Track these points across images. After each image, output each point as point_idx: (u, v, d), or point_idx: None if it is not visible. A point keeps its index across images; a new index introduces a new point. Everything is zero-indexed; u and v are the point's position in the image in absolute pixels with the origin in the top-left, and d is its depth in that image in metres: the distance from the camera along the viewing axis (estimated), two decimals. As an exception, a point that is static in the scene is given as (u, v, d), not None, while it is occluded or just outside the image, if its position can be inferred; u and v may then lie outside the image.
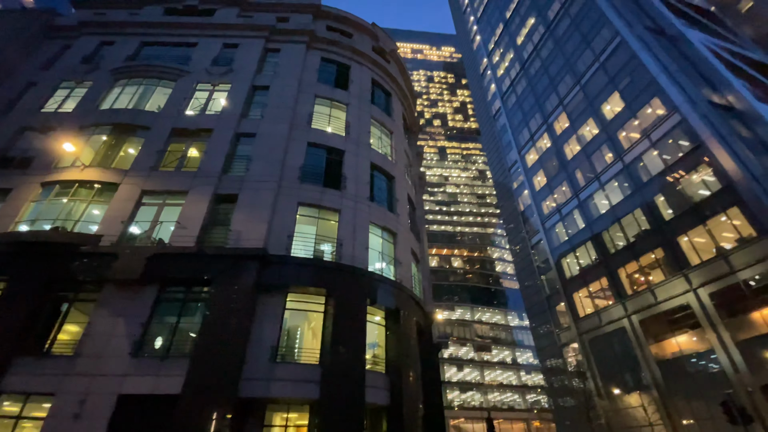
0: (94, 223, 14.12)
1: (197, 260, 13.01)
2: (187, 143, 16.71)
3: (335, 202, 16.16)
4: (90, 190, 14.82)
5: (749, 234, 23.45)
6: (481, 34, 65.84)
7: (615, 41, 34.63)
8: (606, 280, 32.69)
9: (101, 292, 12.49)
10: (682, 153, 27.68)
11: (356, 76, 22.06)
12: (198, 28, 21.64)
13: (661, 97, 29.51)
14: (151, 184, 14.97)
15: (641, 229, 30.20)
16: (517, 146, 48.55)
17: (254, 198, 14.98)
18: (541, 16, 47.33)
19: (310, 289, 13.97)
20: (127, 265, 12.50)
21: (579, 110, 37.99)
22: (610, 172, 33.37)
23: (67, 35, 21.76)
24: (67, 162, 15.75)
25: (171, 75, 18.95)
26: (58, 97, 18.54)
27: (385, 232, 17.31)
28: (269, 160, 16.28)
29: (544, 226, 40.95)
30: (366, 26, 25.44)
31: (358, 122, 19.76)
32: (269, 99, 18.68)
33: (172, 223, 14.13)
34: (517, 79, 51.16)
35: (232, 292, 12.48)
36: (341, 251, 14.85)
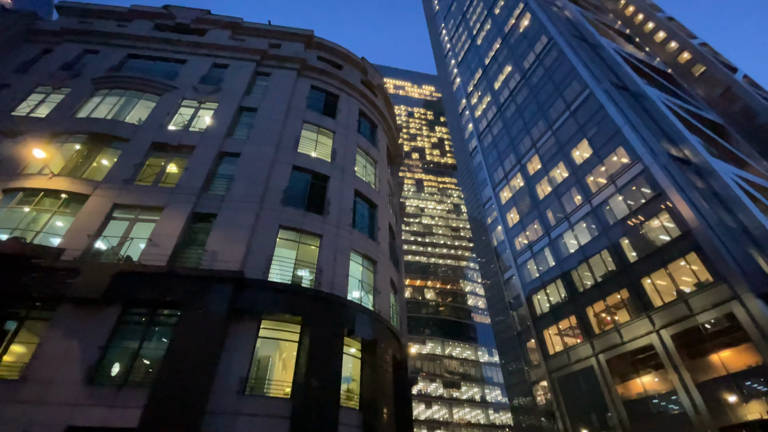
0: (57, 235, 13.16)
1: (167, 281, 12.26)
2: (168, 158, 16.19)
3: (317, 226, 15.93)
4: (56, 200, 13.90)
5: (706, 279, 24.87)
6: (461, 76, 69.52)
7: (584, 93, 37.40)
8: (575, 319, 33.44)
9: (57, 310, 11.44)
10: (644, 200, 29.52)
11: (344, 105, 22.51)
12: (188, 45, 21.62)
13: (626, 147, 31.75)
14: (124, 198, 14.24)
15: (608, 270, 31.45)
16: (491, 183, 50.34)
17: (234, 218, 14.54)
18: (517, 65, 50.71)
19: (285, 317, 13.40)
20: (89, 282, 11.59)
21: (550, 154, 40.17)
22: (579, 213, 34.99)
23: (48, 40, 21.13)
24: (35, 169, 14.80)
25: (156, 89, 18.62)
26: (32, 101, 17.70)
27: (365, 260, 17.12)
28: (252, 181, 15.99)
29: (516, 262, 41.90)
30: (356, 59, 26.29)
31: (344, 150, 19.95)
32: (256, 121, 18.62)
33: (144, 240, 13.38)
34: (493, 121, 53.83)
35: (202, 317, 11.77)
36: (320, 278, 14.48)
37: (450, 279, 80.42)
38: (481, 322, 77.20)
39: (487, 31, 62.41)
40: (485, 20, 63.87)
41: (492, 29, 60.71)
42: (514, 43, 52.88)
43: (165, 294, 12.04)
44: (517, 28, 53.19)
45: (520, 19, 52.88)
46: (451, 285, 79.81)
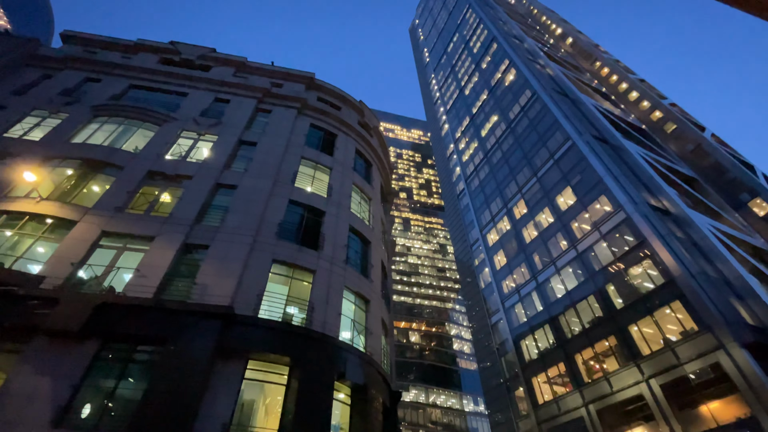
0: (39, 262, 12.47)
1: (152, 314, 11.60)
2: (162, 187, 15.95)
3: (311, 262, 15.63)
4: (42, 225, 13.34)
5: (691, 328, 25.11)
6: (450, 123, 72.66)
7: (567, 144, 39.38)
8: (564, 366, 32.87)
9: (29, 343, 10.58)
10: (627, 247, 30.31)
11: (342, 144, 23.01)
12: (191, 80, 22.13)
13: (608, 196, 33.06)
14: (113, 225, 13.77)
15: (595, 316, 31.48)
16: (479, 225, 51.11)
17: (226, 250, 14.16)
18: (503, 115, 53.52)
19: (273, 357, 12.71)
20: (68, 313, 10.86)
21: (536, 199, 41.42)
22: (565, 258, 35.54)
23: (50, 66, 21.31)
24: (21, 192, 14.29)
25: (156, 119, 18.73)
26: (27, 124, 17.49)
27: (358, 298, 16.72)
28: (247, 213, 15.80)
29: (504, 306, 41.64)
30: (354, 102, 27.29)
31: (341, 186, 20.13)
32: (255, 154, 18.76)
33: (131, 271, 12.81)
34: (480, 166, 55.71)
35: (187, 355, 11.06)
36: (312, 316, 13.98)
37: (435, 321, 78.85)
38: (467, 368, 74.92)
39: (474, 82, 66.25)
40: (473, 73, 68.01)
41: (479, 81, 64.53)
42: (500, 95, 56.12)
43: (148, 328, 11.35)
44: (503, 81, 56.70)
45: (505, 74, 56.52)
46: (437, 328, 78.11)
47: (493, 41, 63.56)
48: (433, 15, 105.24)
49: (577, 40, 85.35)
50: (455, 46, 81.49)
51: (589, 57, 79.63)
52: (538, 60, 56.87)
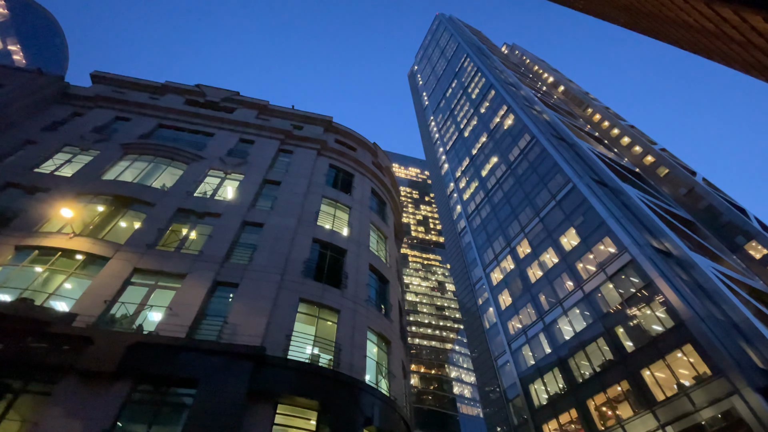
0: (70, 299, 12.38)
1: (184, 355, 11.44)
2: (191, 225, 16.19)
3: (335, 301, 15.64)
4: (74, 261, 13.36)
5: (704, 372, 24.90)
6: (449, 163, 74.82)
7: (568, 186, 40.63)
8: (576, 412, 31.92)
9: (59, 383, 10.32)
10: (635, 289, 30.56)
11: (358, 184, 23.68)
12: (217, 121, 23.03)
13: (612, 238, 33.73)
14: (145, 263, 13.84)
15: (606, 359, 31.06)
16: (482, 264, 51.27)
17: (255, 289, 14.20)
18: (503, 156, 55.43)
19: (302, 401, 12.41)
20: (102, 353, 10.69)
21: (539, 239, 42.03)
22: (572, 299, 35.55)
23: (80, 104, 22.12)
24: (53, 227, 14.42)
25: (184, 157, 19.31)
26: (58, 160, 17.91)
27: (380, 339, 16.57)
28: (274, 252, 15.98)
29: (511, 347, 40.94)
30: (368, 143, 28.36)
31: (360, 225, 20.50)
32: (280, 193, 19.24)
33: (161, 309, 12.74)
34: (481, 205, 56.83)
35: (220, 398, 10.80)
36: (339, 358, 13.81)
37: (434, 363, 76.55)
38: (468, 414, 71.88)
39: (473, 126, 69.06)
40: (471, 117, 71.07)
41: (478, 125, 67.32)
42: (499, 138, 58.42)
43: (181, 370, 11.15)
44: (501, 125, 59.24)
45: (504, 119, 59.17)
46: (436, 370, 75.70)
47: (491, 88, 67.06)
48: (432, 62, 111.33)
49: (568, 88, 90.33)
50: (454, 91, 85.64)
51: (581, 103, 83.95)
52: (535, 106, 59.86)
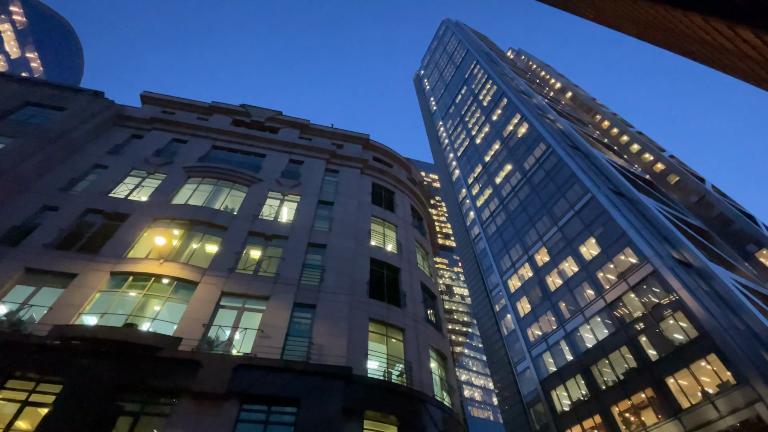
0: (169, 323, 13.33)
1: (283, 375, 12.41)
2: (263, 247, 17.15)
3: (399, 320, 16.63)
4: (166, 286, 14.31)
5: (727, 380, 25.96)
6: (461, 169, 75.87)
7: (586, 197, 41.68)
8: (600, 418, 32.95)
9: (175, 405, 11.26)
10: (657, 299, 31.60)
11: (400, 201, 24.67)
12: (266, 142, 23.98)
13: (633, 248, 34.77)
14: (231, 286, 14.80)
15: (630, 367, 32.09)
16: (498, 271, 52.29)
17: (331, 310, 15.17)
18: (518, 165, 56.49)
19: (383, 417, 13.39)
20: (212, 375, 11.65)
21: (558, 248, 43.07)
22: (593, 308, 36.59)
23: (136, 126, 23.04)
24: (139, 252, 15.36)
25: (245, 180, 20.27)
26: (128, 184, 18.84)
27: (437, 355, 17.56)
28: (340, 272, 16.95)
29: (531, 354, 41.94)
30: (402, 160, 29.35)
31: (407, 243, 21.49)
32: (335, 214, 20.22)
33: (248, 330, 13.70)
34: (496, 212, 57.87)
35: (320, 417, 11.77)
36: (411, 374, 14.80)
37: (446, 366, 77.37)
38: (478, 417, 72.92)
39: (486, 133, 70.13)
40: (483, 124, 72.16)
41: (490, 132, 68.40)
42: (513, 146, 59.49)
43: (283, 390, 12.12)
44: (515, 134, 60.31)
45: (517, 127, 60.25)
46: (447, 373, 76.55)
47: (503, 96, 68.16)
48: (440, 68, 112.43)
49: (576, 94, 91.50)
50: (464, 98, 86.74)
51: (589, 110, 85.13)
52: (548, 114, 60.97)
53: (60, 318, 12.59)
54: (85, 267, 14.21)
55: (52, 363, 11.47)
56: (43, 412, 10.90)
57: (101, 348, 11.85)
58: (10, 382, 11.25)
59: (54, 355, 11.58)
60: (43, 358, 11.51)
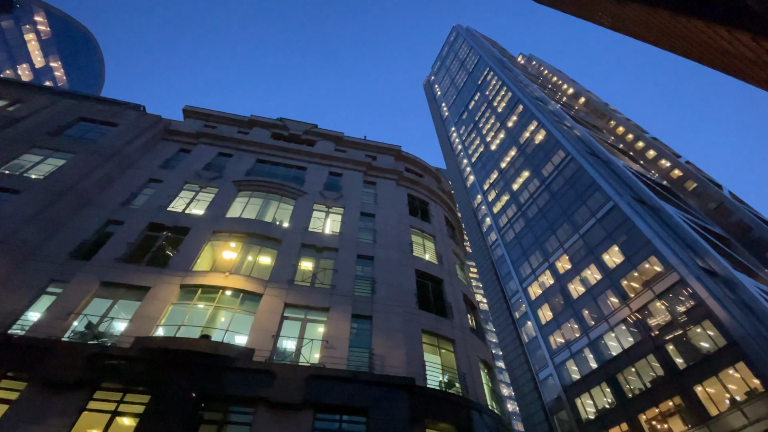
0: (240, 334, 14.01)
1: (351, 386, 13.01)
2: (315, 260, 17.82)
3: (448, 331, 17.16)
4: (234, 298, 15.01)
5: (755, 387, 26.15)
6: (476, 175, 76.32)
7: (608, 205, 41.93)
8: (627, 426, 33.11)
9: (255, 415, 11.89)
10: (684, 308, 31.78)
11: (434, 211, 25.26)
12: (305, 155, 24.74)
13: (658, 257, 34.97)
14: (292, 298, 15.46)
15: (657, 375, 32.27)
16: (518, 278, 52.57)
17: (387, 321, 15.76)
18: (535, 171, 56.85)
19: (443, 426, 13.92)
20: (287, 385, 12.28)
21: (580, 255, 43.32)
22: (618, 316, 36.79)
23: (183, 140, 23.89)
24: (204, 265, 16.09)
25: (292, 193, 21.00)
26: (184, 198, 19.63)
27: (484, 365, 18.04)
28: (390, 284, 17.55)
29: (554, 361, 42.15)
30: (431, 169, 29.96)
31: (446, 253, 22.05)
32: (377, 226, 20.85)
33: (318, 342, 14.33)
34: (514, 219, 58.21)
35: (388, 426, 12.34)
36: (465, 384, 15.31)
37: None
38: (493, 422, 72.63)
39: (501, 139, 70.58)
40: (498, 130, 72.63)
41: (506, 139, 68.84)
42: (530, 153, 59.87)
43: (353, 400, 12.71)
44: (532, 140, 60.70)
45: (534, 134, 60.65)
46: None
47: (518, 103, 68.63)
48: (451, 74, 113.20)
49: (589, 99, 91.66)
50: (477, 104, 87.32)
51: (603, 116, 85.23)
52: (565, 121, 61.32)
53: (139, 330, 13.30)
54: (157, 280, 14.94)
55: (137, 374, 12.16)
56: (130, 422, 11.59)
57: (182, 359, 12.52)
58: (98, 393, 11.94)
59: (138, 367, 12.28)
60: (128, 370, 12.21)
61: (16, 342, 12.24)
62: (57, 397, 11.40)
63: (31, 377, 11.65)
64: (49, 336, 12.52)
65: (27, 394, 11.37)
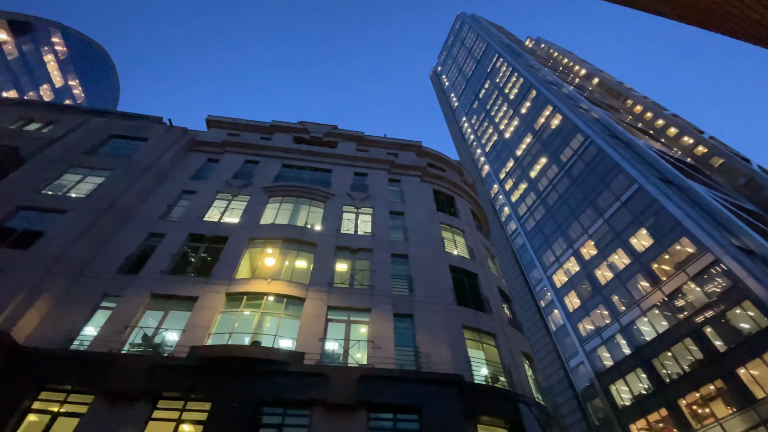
0: (286, 338, 14.33)
1: (401, 384, 13.17)
2: (351, 261, 18.03)
3: (488, 325, 17.17)
4: (278, 303, 15.33)
5: (805, 369, 25.30)
6: (491, 165, 75.52)
7: (633, 187, 40.97)
8: (666, 411, 32.60)
9: (312, 417, 12.18)
10: (721, 289, 30.95)
11: (461, 206, 25.17)
12: (329, 157, 24.92)
13: (690, 238, 34.08)
14: (334, 300, 15.71)
15: (695, 359, 31.61)
16: (542, 266, 52.02)
17: (428, 319, 15.87)
18: (553, 157, 55.91)
19: (492, 420, 13.98)
20: (339, 387, 12.52)
21: (606, 240, 42.54)
22: (650, 300, 36.10)
23: (209, 150, 24.35)
24: (245, 273, 16.45)
25: (320, 196, 21.23)
26: (218, 207, 20.06)
27: (525, 357, 18.00)
28: (426, 282, 17.63)
29: (584, 349, 41.70)
30: (453, 163, 29.80)
31: (476, 247, 21.98)
32: (407, 224, 20.92)
33: (363, 342, 14.54)
34: (534, 207, 57.48)
35: (442, 423, 12.47)
36: (512, 379, 15.32)
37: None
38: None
39: (515, 126, 69.58)
40: (512, 117, 71.57)
41: (520, 125, 67.83)
42: (546, 139, 58.88)
43: (403, 398, 12.88)
44: (548, 126, 59.65)
45: (550, 119, 59.57)
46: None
47: (531, 88, 67.44)
48: (458, 63, 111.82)
49: (603, 79, 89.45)
50: (488, 92, 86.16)
51: (619, 95, 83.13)
52: (581, 104, 60.03)
53: (192, 339, 13.72)
54: (203, 290, 15.36)
55: (195, 382, 12.56)
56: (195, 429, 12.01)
57: (237, 365, 12.89)
58: (161, 403, 12.39)
59: (196, 375, 12.68)
60: (187, 379, 12.62)
61: (80, 357, 12.77)
62: (123, 408, 11.88)
63: (97, 390, 12.15)
64: (110, 349, 13.02)
65: (95, 407, 11.87)
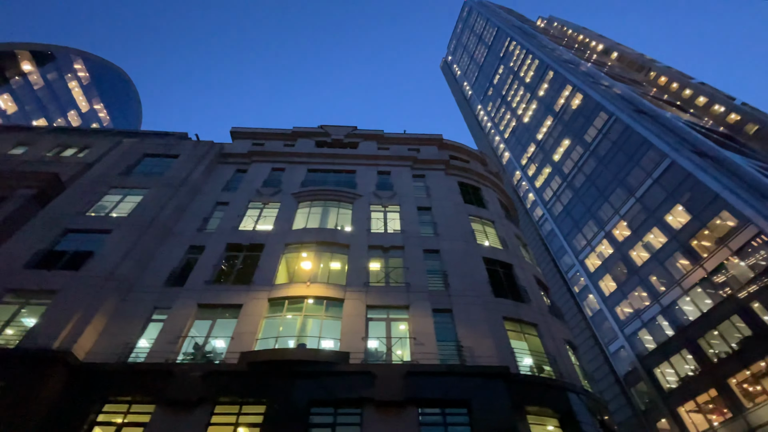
0: (329, 339, 14.67)
1: (446, 379, 13.28)
2: (383, 259, 18.21)
3: (529, 315, 16.99)
4: (318, 306, 15.71)
5: None
6: (511, 151, 74.12)
7: (665, 162, 39.36)
8: (715, 391, 31.43)
9: (363, 415, 12.45)
10: (767, 262, 29.49)
11: (488, 196, 24.90)
12: (352, 158, 25.16)
13: (731, 211, 32.51)
14: (372, 299, 15.95)
15: (744, 336, 30.31)
16: (573, 251, 50.83)
17: (467, 313, 15.86)
18: (577, 138, 54.32)
19: (541, 410, 13.89)
20: (387, 384, 12.73)
21: (640, 220, 41.10)
22: (692, 278, 34.74)
23: (236, 161, 25.03)
24: (283, 278, 16.90)
25: (348, 198, 21.50)
26: (251, 216, 20.64)
27: (569, 345, 17.74)
28: (461, 275, 17.60)
29: (624, 333, 40.60)
30: (475, 153, 29.48)
31: (508, 237, 21.73)
32: (435, 219, 20.90)
33: (405, 339, 14.71)
34: (560, 191, 56.11)
35: (492, 416, 12.49)
36: (557, 367, 15.16)
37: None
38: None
39: (534, 110, 67.98)
40: (530, 101, 69.94)
41: (539, 108, 66.19)
42: (568, 120, 57.25)
43: (450, 392, 12.97)
44: (568, 106, 57.98)
45: (570, 99, 57.87)
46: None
47: (547, 69, 65.65)
48: (469, 51, 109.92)
49: (622, 53, 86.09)
50: (502, 77, 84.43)
51: (641, 68, 79.81)
52: (602, 81, 58.03)
53: (241, 345, 14.23)
54: (246, 297, 15.89)
55: (248, 387, 13.05)
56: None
57: (287, 368, 13.29)
58: (218, 408, 12.93)
59: (249, 380, 13.17)
60: (241, 384, 13.13)
61: (139, 369, 13.47)
62: (183, 415, 12.46)
63: (157, 400, 12.80)
64: (166, 360, 13.67)
65: (157, 416, 12.50)
